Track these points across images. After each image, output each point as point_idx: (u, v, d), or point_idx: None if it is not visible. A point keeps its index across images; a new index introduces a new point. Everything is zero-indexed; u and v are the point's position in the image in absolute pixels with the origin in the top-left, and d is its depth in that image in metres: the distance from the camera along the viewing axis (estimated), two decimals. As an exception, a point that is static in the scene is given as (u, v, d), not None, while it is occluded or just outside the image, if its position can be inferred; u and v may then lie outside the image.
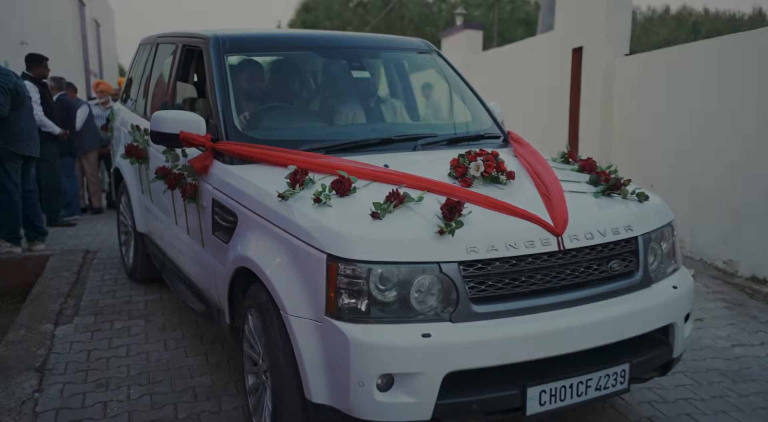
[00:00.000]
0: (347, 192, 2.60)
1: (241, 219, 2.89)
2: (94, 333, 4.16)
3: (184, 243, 3.63)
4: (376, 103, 3.88)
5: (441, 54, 4.14)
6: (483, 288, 2.34)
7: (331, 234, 2.34)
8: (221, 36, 3.60)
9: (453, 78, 4.04)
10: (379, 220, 2.39)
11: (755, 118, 5.33)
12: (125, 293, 4.92)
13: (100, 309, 4.57)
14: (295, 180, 2.69)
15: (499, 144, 3.66)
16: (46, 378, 3.52)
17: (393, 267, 2.28)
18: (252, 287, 2.80)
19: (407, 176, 2.74)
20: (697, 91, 6.05)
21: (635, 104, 7.00)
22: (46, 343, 3.92)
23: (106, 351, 3.88)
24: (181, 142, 3.19)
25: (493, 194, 2.62)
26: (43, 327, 4.16)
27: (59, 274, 5.27)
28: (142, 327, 4.25)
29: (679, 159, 6.17)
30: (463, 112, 3.95)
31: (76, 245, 6.42)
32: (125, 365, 3.69)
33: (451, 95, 4.00)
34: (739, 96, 5.55)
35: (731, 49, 5.70)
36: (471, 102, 3.96)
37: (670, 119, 6.35)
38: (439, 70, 4.05)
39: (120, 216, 5.17)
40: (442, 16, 36.19)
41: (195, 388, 3.42)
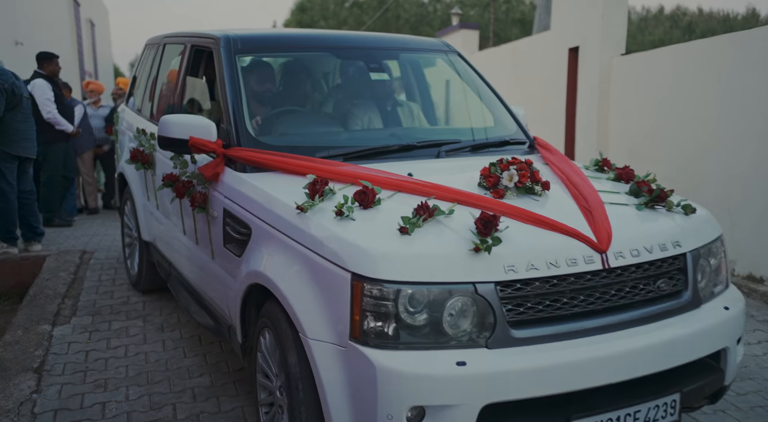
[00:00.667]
0: (371, 204, 2.40)
1: (255, 231, 2.70)
2: (92, 333, 4.13)
3: (193, 254, 3.44)
4: (395, 107, 3.69)
5: (461, 55, 3.94)
6: (522, 311, 2.14)
7: (356, 251, 2.15)
8: (232, 36, 3.41)
9: (474, 80, 3.84)
10: (408, 236, 2.19)
11: (752, 118, 5.34)
12: (123, 293, 4.89)
13: (98, 310, 4.54)
14: (314, 190, 2.49)
15: (524, 150, 3.46)
16: (44, 379, 3.48)
17: (424, 287, 2.08)
18: (267, 305, 2.61)
19: (434, 186, 2.54)
20: (693, 90, 6.07)
21: (632, 104, 7.03)
22: (44, 344, 3.89)
23: (104, 352, 3.84)
24: (190, 148, 3.00)
25: (528, 206, 2.42)
26: (40, 327, 4.13)
27: (56, 275, 5.23)
28: (140, 327, 4.23)
29: (676, 158, 6.17)
30: (486, 116, 3.75)
31: (72, 245, 6.39)
32: (124, 366, 3.66)
33: (473, 98, 3.81)
34: (735, 95, 5.55)
35: (728, 49, 5.71)
36: (494, 105, 3.76)
37: (666, 119, 6.37)
38: (460, 71, 3.85)
39: (124, 224, 4.97)
40: (437, 16, 36.22)
41: (194, 389, 3.39)
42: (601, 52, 7.50)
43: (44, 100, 6.84)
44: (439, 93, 3.86)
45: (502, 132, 3.58)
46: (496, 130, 3.61)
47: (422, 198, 2.46)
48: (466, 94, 3.83)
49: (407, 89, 4.12)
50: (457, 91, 3.80)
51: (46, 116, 6.87)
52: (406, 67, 4.05)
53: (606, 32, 7.50)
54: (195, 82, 3.81)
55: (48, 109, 6.87)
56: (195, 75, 3.82)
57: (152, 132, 3.96)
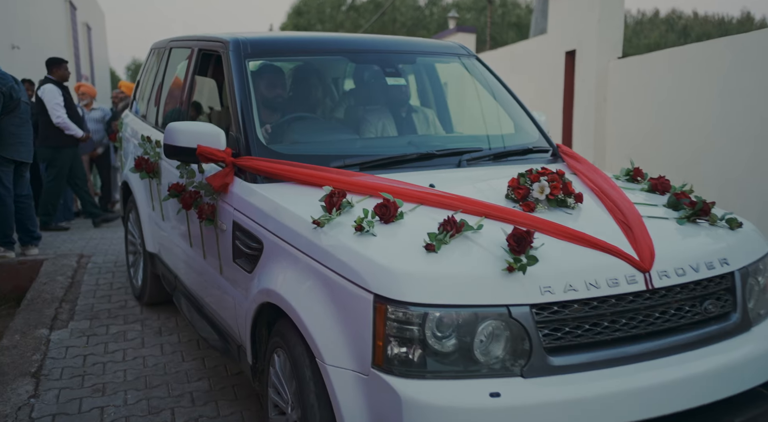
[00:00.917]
0: (392, 218, 2.23)
1: (267, 246, 2.53)
2: (90, 337, 4.10)
3: (199, 268, 3.28)
4: (412, 113, 3.52)
5: (479, 58, 3.78)
6: (559, 336, 1.96)
7: (379, 271, 1.98)
8: (242, 39, 3.25)
9: (493, 84, 3.67)
10: (435, 254, 2.02)
11: (749, 121, 5.34)
12: (120, 297, 4.86)
13: (95, 314, 4.51)
14: (331, 203, 2.33)
15: (548, 159, 3.29)
16: (41, 383, 3.46)
17: (453, 311, 1.91)
18: (279, 324, 2.44)
19: (460, 199, 2.37)
20: (690, 93, 6.09)
21: (629, 107, 7.05)
22: (42, 348, 3.86)
23: (102, 356, 3.82)
24: (198, 157, 2.84)
25: (561, 221, 2.25)
26: (38, 332, 4.09)
27: (53, 279, 5.19)
28: (138, 331, 4.20)
29: (673, 161, 6.14)
30: (506, 122, 3.58)
31: (70, 249, 6.36)
32: (121, 370, 3.63)
33: (492, 104, 3.64)
34: (732, 98, 5.57)
35: (724, 53, 5.75)
36: (514, 111, 3.59)
37: (664, 122, 6.38)
38: (478, 75, 3.68)
39: (128, 234, 4.81)
40: (433, 20, 36.37)
41: (192, 393, 3.36)
42: (598, 56, 7.52)
43: (54, 105, 6.87)
44: (456, 98, 3.69)
45: (524, 139, 3.41)
46: (518, 138, 3.44)
47: (447, 211, 2.30)
48: (485, 99, 3.66)
49: (423, 95, 3.96)
50: (475, 97, 3.63)
51: (55, 121, 6.89)
52: (421, 71, 3.89)
53: (603, 36, 7.54)
54: (202, 87, 3.65)
55: (57, 113, 6.89)
56: (202, 80, 3.66)
57: (157, 139, 3.81)
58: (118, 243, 6.73)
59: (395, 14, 35.46)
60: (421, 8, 37.75)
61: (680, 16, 40.63)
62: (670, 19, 39.93)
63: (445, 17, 32.75)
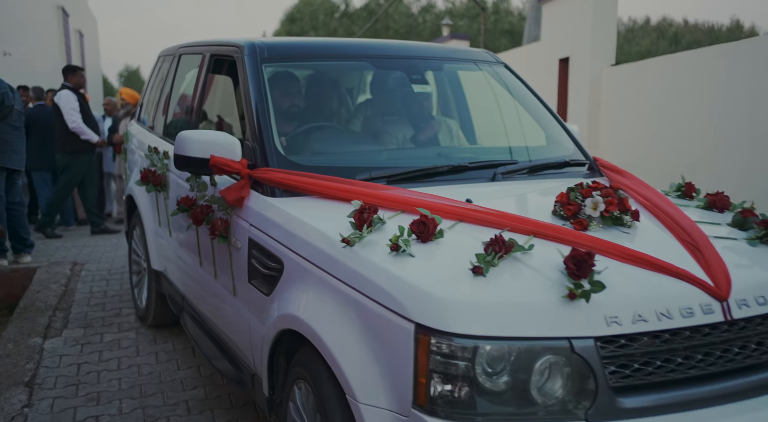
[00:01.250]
0: (431, 236, 1.99)
1: (288, 266, 2.29)
2: (84, 346, 4.07)
3: (210, 289, 3.03)
4: (439, 123, 3.30)
5: (508, 66, 3.56)
6: (628, 374, 1.71)
7: (421, 297, 1.74)
8: (258, 43, 3.04)
9: (524, 94, 3.45)
10: (483, 277, 1.78)
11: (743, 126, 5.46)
12: (115, 305, 4.85)
13: (89, 322, 4.49)
14: (361, 219, 2.09)
15: (585, 172, 3.06)
16: (35, 392, 3.42)
17: (506, 344, 1.67)
18: (302, 353, 2.20)
19: (503, 215, 2.14)
20: (684, 100, 6.20)
21: (622, 113, 7.15)
22: (35, 357, 3.82)
23: (96, 365, 3.79)
24: (211, 168, 2.61)
25: (619, 241, 2.01)
26: (31, 340, 4.06)
27: (47, 287, 5.14)
28: (132, 339, 4.18)
29: (667, 166, 6.18)
30: (537, 133, 3.35)
31: (63, 257, 6.34)
32: (116, 378, 3.61)
33: (523, 114, 3.41)
34: (725, 104, 5.70)
35: (717, 60, 5.91)
36: (546, 122, 3.36)
37: (657, 128, 6.47)
38: (507, 84, 3.46)
39: (132, 251, 4.56)
40: (427, 27, 36.59)
41: (188, 401, 3.34)
42: (592, 63, 7.63)
43: (69, 110, 6.97)
44: (484, 108, 3.47)
45: (558, 152, 3.18)
46: (552, 150, 3.21)
47: (490, 229, 2.06)
48: (514, 109, 3.44)
49: (444, 104, 3.74)
50: (504, 106, 3.41)
51: (71, 126, 6.99)
52: (443, 79, 3.67)
53: (596, 43, 7.69)
54: (215, 95, 3.43)
55: (73, 118, 6.99)
56: (214, 88, 3.44)
57: (165, 150, 3.58)
58: (111, 250, 6.71)
59: (388, 21, 35.63)
60: (414, 15, 38.01)
61: (671, 23, 41.34)
62: (660, 27, 40.45)
63: (438, 24, 33.15)
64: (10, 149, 5.46)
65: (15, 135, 5.52)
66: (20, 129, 5.61)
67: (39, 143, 7.37)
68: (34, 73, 9.53)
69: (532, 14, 12.06)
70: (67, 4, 15.70)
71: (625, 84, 7.26)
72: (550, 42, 8.58)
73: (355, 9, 38.56)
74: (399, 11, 36.72)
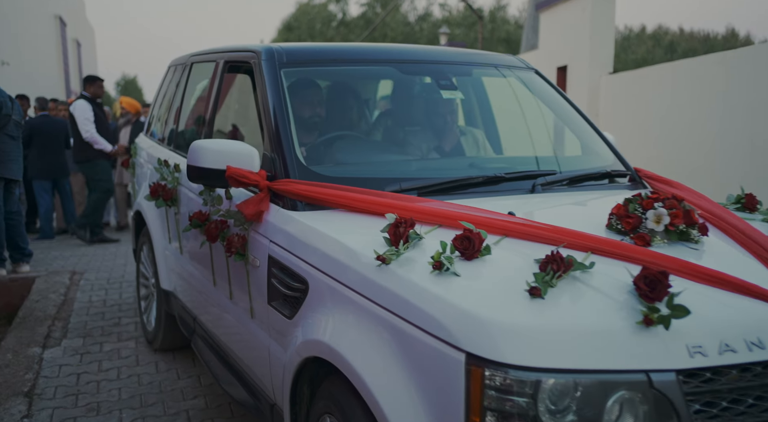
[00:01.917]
0: (477, 253, 1.78)
1: (314, 287, 2.07)
2: (84, 355, 4.05)
3: (225, 310, 2.81)
4: (469, 131, 3.09)
5: (539, 72, 3.36)
6: (715, 413, 1.48)
7: (472, 323, 1.52)
8: (276, 48, 2.85)
9: (557, 101, 3.24)
10: (541, 300, 1.56)
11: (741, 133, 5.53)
12: (114, 314, 4.83)
13: (88, 331, 4.47)
14: (397, 235, 1.87)
15: (628, 184, 2.85)
16: (35, 403, 3.39)
17: (573, 377, 1.44)
18: (329, 384, 1.98)
19: (555, 230, 1.92)
20: (682, 107, 6.25)
21: (620, 121, 7.17)
22: (34, 367, 3.80)
23: (96, 375, 3.77)
24: (227, 180, 2.40)
25: (689, 258, 1.79)
26: (30, 350, 4.03)
27: (46, 296, 5.13)
28: (132, 348, 4.15)
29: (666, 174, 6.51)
30: (573, 143, 3.14)
31: (62, 266, 6.33)
32: (116, 388, 3.58)
33: (556, 122, 3.21)
34: (723, 111, 5.78)
35: (714, 68, 5.99)
36: (582, 131, 3.15)
37: (656, 135, 6.52)
38: (538, 91, 3.26)
39: (140, 270, 4.35)
40: (424, 35, 36.74)
41: (188, 411, 3.30)
42: (590, 71, 7.68)
43: (83, 120, 7.09)
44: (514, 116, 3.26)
45: (597, 162, 2.97)
46: (590, 160, 3.00)
47: (540, 245, 1.85)
48: (546, 117, 3.23)
49: (469, 113, 3.54)
50: (535, 114, 3.20)
51: (84, 136, 7.10)
52: (467, 87, 3.47)
53: (594, 51, 7.76)
54: (229, 104, 3.24)
55: (86, 128, 7.09)
56: (229, 97, 3.25)
57: (176, 163, 3.38)
58: (110, 259, 6.71)
59: (386, 30, 35.76)
60: (411, 24, 38.10)
61: (667, 32, 41.69)
62: (657, 35, 40.85)
63: (435, 33, 33.28)
64: (7, 159, 5.44)
65: (12, 145, 5.50)
66: (17, 139, 5.59)
67: (41, 153, 7.47)
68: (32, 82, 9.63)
69: (530, 22, 12.04)
70: (65, 14, 15.84)
71: (624, 92, 7.30)
72: (548, 50, 8.66)
73: (352, 18, 38.77)
74: (396, 20, 36.89)
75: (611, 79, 7.58)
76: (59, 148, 7.63)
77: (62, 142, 7.64)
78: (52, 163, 7.53)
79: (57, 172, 7.63)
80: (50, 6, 14.42)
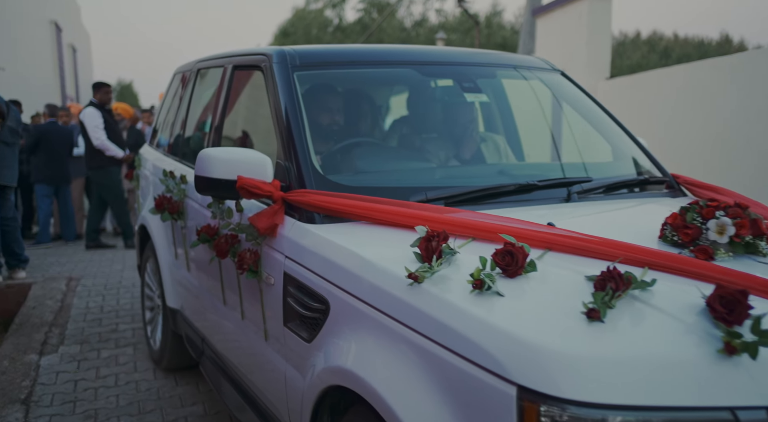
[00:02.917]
0: (521, 269, 1.58)
1: (336, 307, 1.88)
2: (81, 362, 4.02)
3: (236, 331, 2.62)
4: (494, 137, 2.90)
5: (566, 74, 3.18)
6: (811, 457, 1.28)
7: (524, 351, 1.32)
8: (288, 50, 2.67)
9: (585, 104, 3.06)
10: (601, 323, 1.36)
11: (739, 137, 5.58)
12: (111, 321, 4.80)
13: (86, 338, 4.44)
14: (429, 249, 1.68)
15: (667, 191, 2.65)
16: (32, 410, 3.35)
17: (645, 415, 1.24)
18: (354, 414, 1.79)
19: (604, 242, 1.72)
20: (679, 111, 6.30)
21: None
22: (31, 374, 3.77)
23: (93, 381, 3.74)
24: (238, 191, 2.21)
25: (760, 273, 1.59)
26: (27, 357, 4.01)
27: (42, 303, 5.10)
28: (130, 355, 4.13)
29: None
30: (603, 148, 2.95)
31: (58, 272, 6.29)
32: (114, 395, 3.56)
33: (585, 126, 3.02)
34: (722, 116, 5.83)
35: (710, 73, 6.08)
36: (612, 135, 2.96)
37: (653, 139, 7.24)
38: (566, 94, 3.07)
39: (145, 288, 4.16)
40: (420, 41, 36.84)
41: (187, 418, 3.28)
42: (587, 76, 7.65)
43: (93, 128, 7.11)
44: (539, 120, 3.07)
45: (632, 168, 2.77)
46: (624, 166, 2.80)
47: (590, 260, 1.65)
48: (575, 121, 3.04)
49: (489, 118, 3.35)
50: (563, 118, 3.01)
51: (95, 143, 7.13)
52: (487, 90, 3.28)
53: (590, 56, 7.77)
54: (238, 110, 3.06)
55: (96, 135, 7.11)
56: (238, 103, 3.07)
57: (183, 174, 3.20)
58: (107, 265, 6.69)
59: (382, 35, 35.79)
60: (407, 29, 38.05)
61: (661, 37, 41.81)
62: (651, 41, 41.14)
63: (432, 38, 33.26)
64: (2, 165, 5.41)
65: (7, 151, 5.46)
66: (12, 145, 5.55)
67: (47, 158, 7.53)
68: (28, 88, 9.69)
69: (527, 28, 11.94)
70: (61, 19, 15.86)
71: (620, 97, 7.31)
72: (545, 55, 8.65)
73: (348, 23, 38.77)
74: (392, 25, 36.90)
75: (608, 84, 7.63)
76: (64, 155, 7.72)
77: (67, 149, 7.79)
78: (57, 170, 7.60)
79: (60, 179, 7.69)
80: (46, 11, 14.48)
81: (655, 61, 34.35)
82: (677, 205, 2.43)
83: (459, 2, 20.82)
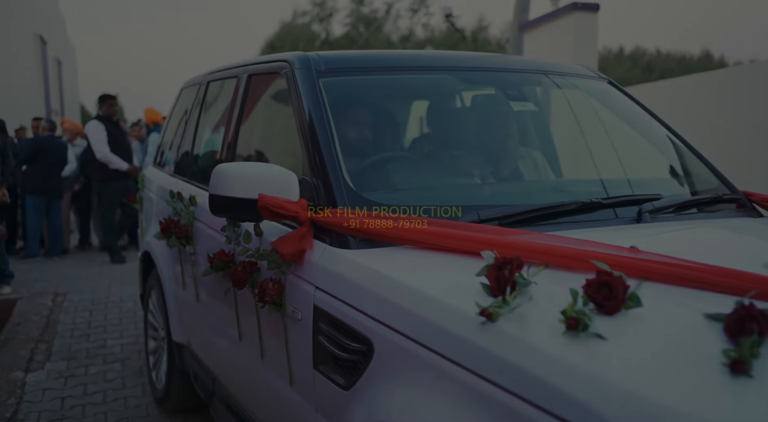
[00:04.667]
0: (622, 304, 1.27)
1: (381, 349, 1.56)
2: (68, 379, 3.96)
3: (254, 372, 2.29)
4: (545, 148, 2.61)
5: (614, 83, 2.89)
6: None
7: (649, 414, 1.00)
8: (312, 55, 2.39)
9: (638, 115, 2.77)
10: (750, 379, 1.05)
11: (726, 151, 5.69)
12: (99, 336, 4.73)
13: (73, 354, 4.37)
14: (501, 280, 1.36)
15: (740, 212, 2.34)
16: None
17: None
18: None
19: (715, 270, 1.41)
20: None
21: None
22: (17, 392, 3.71)
23: (81, 398, 3.68)
24: (260, 211, 1.91)
25: None
26: (12, 374, 3.96)
27: (28, 318, 5.03)
28: (118, 371, 4.07)
29: None
30: (661, 163, 2.65)
31: (44, 287, 6.21)
32: (102, 412, 3.49)
33: (640, 140, 2.72)
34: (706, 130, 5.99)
35: (694, 88, 6.39)
36: (672, 149, 2.67)
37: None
38: (616, 104, 2.78)
39: (148, 323, 3.82)
40: None
41: None
42: None
43: (95, 141, 7.18)
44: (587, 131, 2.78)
45: (702, 185, 2.47)
46: (692, 183, 2.50)
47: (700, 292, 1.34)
48: (627, 133, 2.75)
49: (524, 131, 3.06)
50: (613, 130, 2.72)
51: (98, 157, 7.19)
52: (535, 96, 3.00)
53: None
54: (255, 124, 2.77)
55: (99, 149, 7.16)
56: (254, 116, 2.78)
57: (192, 195, 2.90)
58: (93, 280, 6.63)
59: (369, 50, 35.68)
60: (394, 44, 38.00)
61: (644, 53, 42.55)
62: (634, 56, 41.66)
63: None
64: None
65: None
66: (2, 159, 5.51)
67: (43, 171, 7.54)
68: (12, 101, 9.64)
69: (514, 42, 11.80)
70: (45, 33, 15.82)
71: None
72: None
73: (335, 37, 38.77)
74: (379, 40, 36.89)
75: None
76: (59, 169, 7.73)
77: (61, 163, 7.77)
78: (51, 183, 7.62)
79: (53, 192, 7.68)
80: (30, 25, 14.47)
81: (639, 76, 35.00)
82: (762, 226, 2.13)
83: (446, 17, 20.86)
